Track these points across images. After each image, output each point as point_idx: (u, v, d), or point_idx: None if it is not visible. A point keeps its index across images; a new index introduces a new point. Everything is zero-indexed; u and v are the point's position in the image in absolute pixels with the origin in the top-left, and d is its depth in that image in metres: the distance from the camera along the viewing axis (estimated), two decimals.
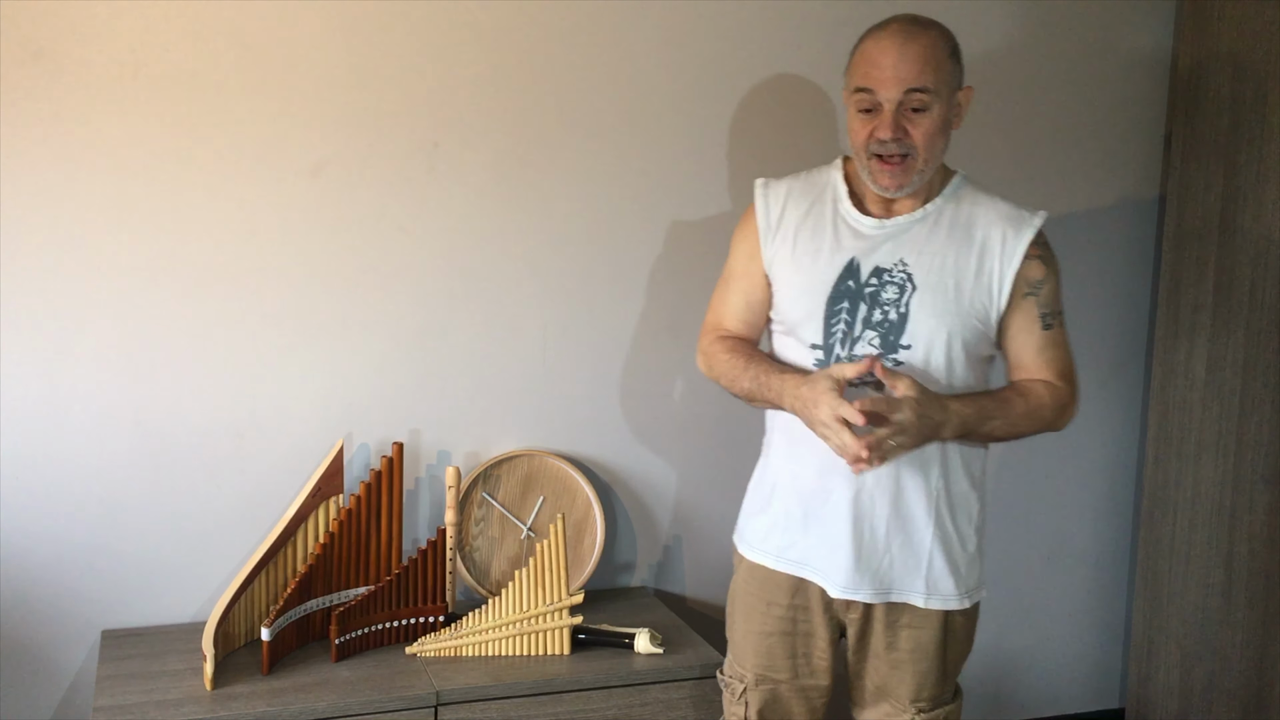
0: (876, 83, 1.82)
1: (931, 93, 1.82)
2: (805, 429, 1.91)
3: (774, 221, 1.98)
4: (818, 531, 1.96)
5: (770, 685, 2.05)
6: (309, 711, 2.11)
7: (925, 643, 1.98)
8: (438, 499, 2.57)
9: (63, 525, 2.35)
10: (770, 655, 2.03)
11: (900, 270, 1.89)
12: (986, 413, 1.87)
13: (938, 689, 2.01)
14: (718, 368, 2.03)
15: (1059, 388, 1.95)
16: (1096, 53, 2.86)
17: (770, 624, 2.03)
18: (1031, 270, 1.92)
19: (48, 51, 2.22)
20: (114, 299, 2.32)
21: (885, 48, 1.82)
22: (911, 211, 1.92)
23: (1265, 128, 2.60)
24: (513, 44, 2.47)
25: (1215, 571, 2.76)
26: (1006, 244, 1.91)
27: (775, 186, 2.01)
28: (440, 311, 2.52)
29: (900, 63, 1.81)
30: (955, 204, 1.94)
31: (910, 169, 1.85)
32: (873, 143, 1.84)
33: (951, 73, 1.86)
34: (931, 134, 1.84)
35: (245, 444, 2.43)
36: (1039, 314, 1.94)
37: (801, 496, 1.97)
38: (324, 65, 2.37)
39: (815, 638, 2.02)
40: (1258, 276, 2.63)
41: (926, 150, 1.84)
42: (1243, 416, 2.68)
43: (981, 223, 1.92)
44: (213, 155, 2.34)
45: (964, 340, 1.90)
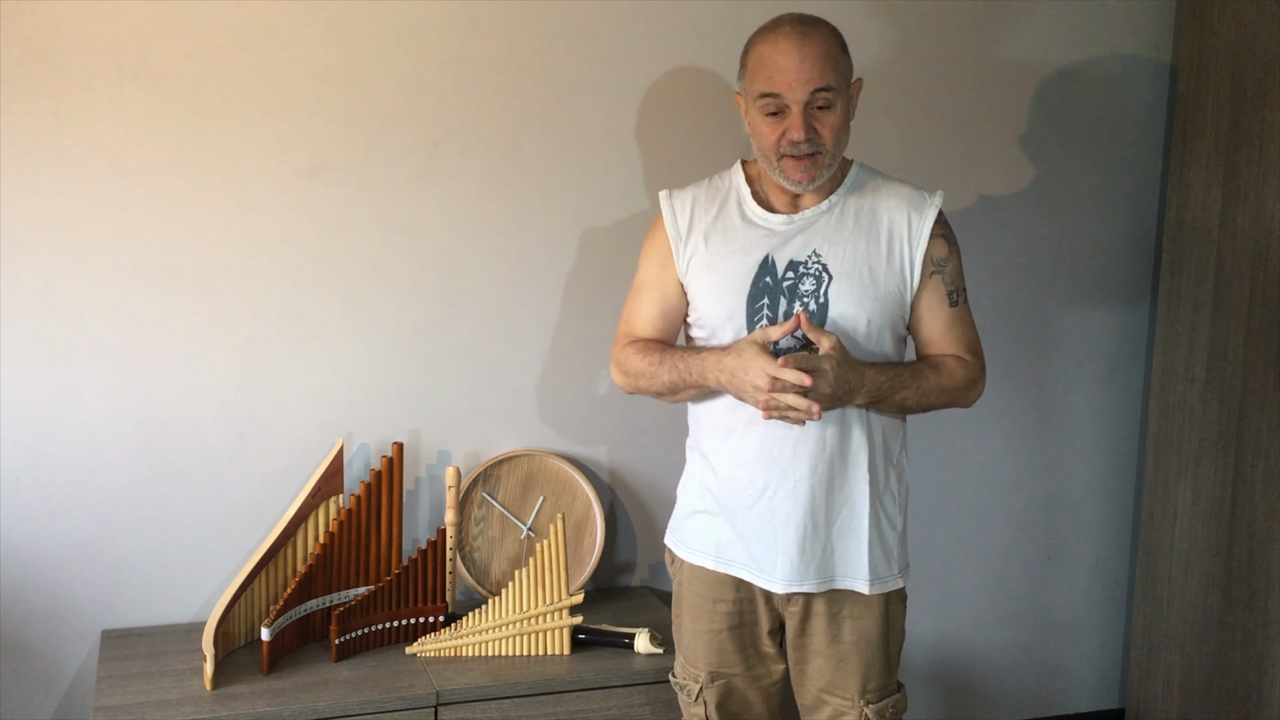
0: (782, 86, 1.84)
1: (834, 90, 1.86)
2: (731, 424, 1.95)
3: (684, 229, 2.00)
4: (753, 528, 1.97)
5: (725, 679, 2.07)
6: (309, 711, 2.11)
7: (868, 631, 1.99)
8: (438, 499, 2.57)
9: (63, 525, 2.35)
10: (722, 652, 2.05)
11: (815, 261, 1.93)
12: (900, 382, 1.91)
13: (884, 679, 2.03)
14: (633, 370, 2.01)
15: (969, 362, 2.00)
16: (1096, 53, 2.86)
17: (719, 620, 2.04)
18: (936, 249, 1.97)
19: (48, 51, 2.22)
20: (114, 299, 2.32)
21: (784, 49, 1.84)
22: (817, 204, 1.96)
23: (1265, 128, 2.60)
24: (513, 44, 2.47)
25: (1215, 571, 2.76)
26: (913, 226, 1.95)
27: (680, 195, 2.03)
28: (440, 311, 2.52)
29: (803, 64, 1.83)
30: (858, 192, 1.98)
31: (820, 164, 1.89)
32: (784, 144, 1.87)
33: (846, 68, 1.91)
34: (837, 129, 1.88)
35: (245, 444, 2.43)
36: (945, 291, 1.98)
37: (733, 494, 1.98)
38: (324, 65, 2.37)
39: (759, 625, 2.04)
40: (1258, 276, 2.63)
41: (834, 145, 1.89)
42: (1243, 416, 2.67)
43: (886, 208, 1.97)
44: (213, 155, 2.34)
45: (882, 324, 1.94)
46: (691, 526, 2.06)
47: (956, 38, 2.75)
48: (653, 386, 2.00)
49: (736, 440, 1.96)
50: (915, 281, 1.96)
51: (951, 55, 2.76)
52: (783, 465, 1.93)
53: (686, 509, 2.08)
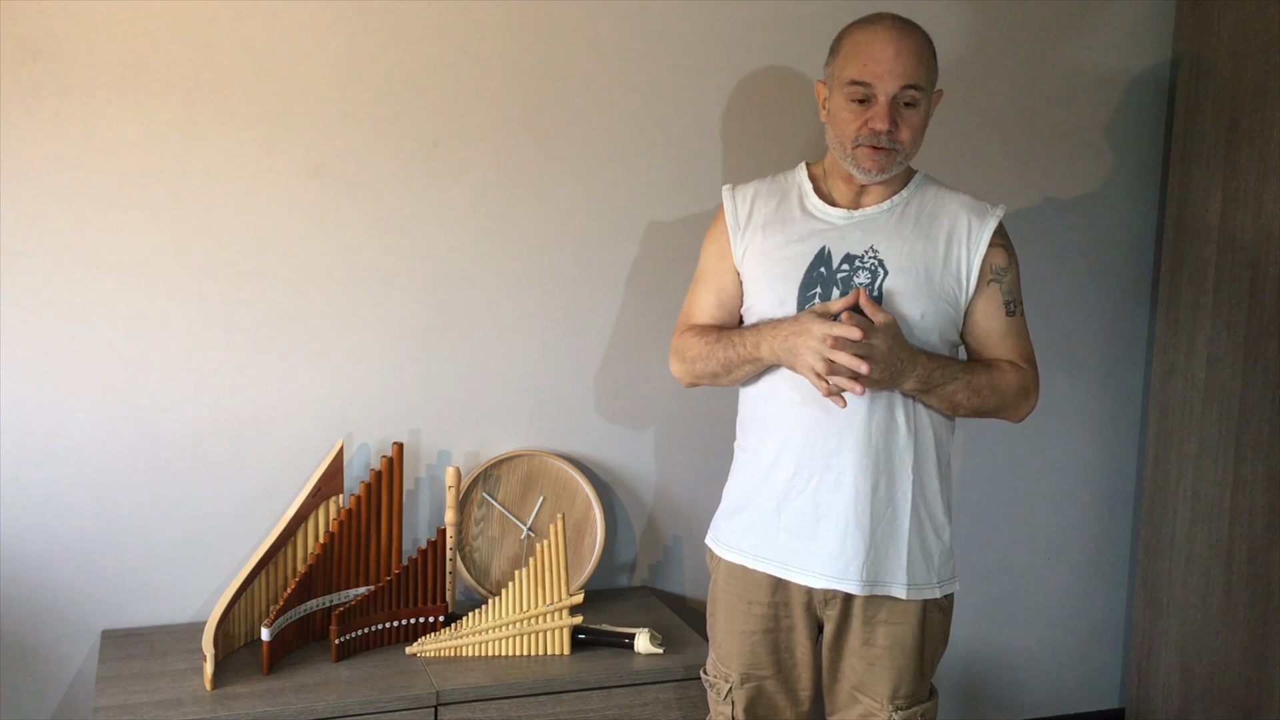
0: (875, 76, 1.87)
1: (923, 90, 1.90)
2: (775, 414, 1.96)
3: (742, 220, 2.03)
4: (795, 523, 1.97)
5: (755, 683, 2.07)
6: (309, 711, 2.11)
7: (902, 638, 1.99)
8: (438, 499, 2.57)
9: (63, 525, 2.35)
10: (754, 654, 2.05)
11: (871, 256, 1.94)
12: (951, 373, 1.92)
13: (915, 686, 2.02)
14: (690, 352, 2.04)
15: (1024, 370, 2.00)
16: (1096, 53, 2.87)
17: (752, 623, 2.04)
18: (996, 258, 1.97)
19: (48, 51, 2.22)
20: (114, 299, 2.32)
21: (883, 41, 1.87)
22: (879, 203, 1.98)
23: (1265, 128, 2.60)
24: (513, 44, 2.47)
25: (1215, 571, 2.76)
26: (972, 232, 1.96)
27: (742, 189, 2.07)
28: (440, 311, 2.52)
29: (898, 57, 1.86)
30: (920, 196, 2.00)
31: (893, 159, 1.91)
32: (864, 133, 1.89)
33: (935, 73, 1.95)
34: (917, 129, 1.91)
35: (245, 444, 2.43)
36: (1003, 300, 1.99)
37: (777, 491, 1.99)
38: (324, 65, 2.37)
39: (796, 633, 2.04)
40: (1258, 276, 2.63)
41: (911, 145, 1.91)
42: (1243, 416, 2.67)
43: (947, 212, 1.98)
44: (213, 155, 2.34)
45: (934, 323, 1.94)
46: (731, 525, 2.07)
47: (955, 38, 2.75)
48: (709, 367, 2.01)
49: (781, 432, 1.97)
50: (971, 286, 1.96)
51: (951, 55, 2.75)
52: (826, 457, 1.94)
53: (728, 507, 2.09)
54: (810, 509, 1.96)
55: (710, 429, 2.71)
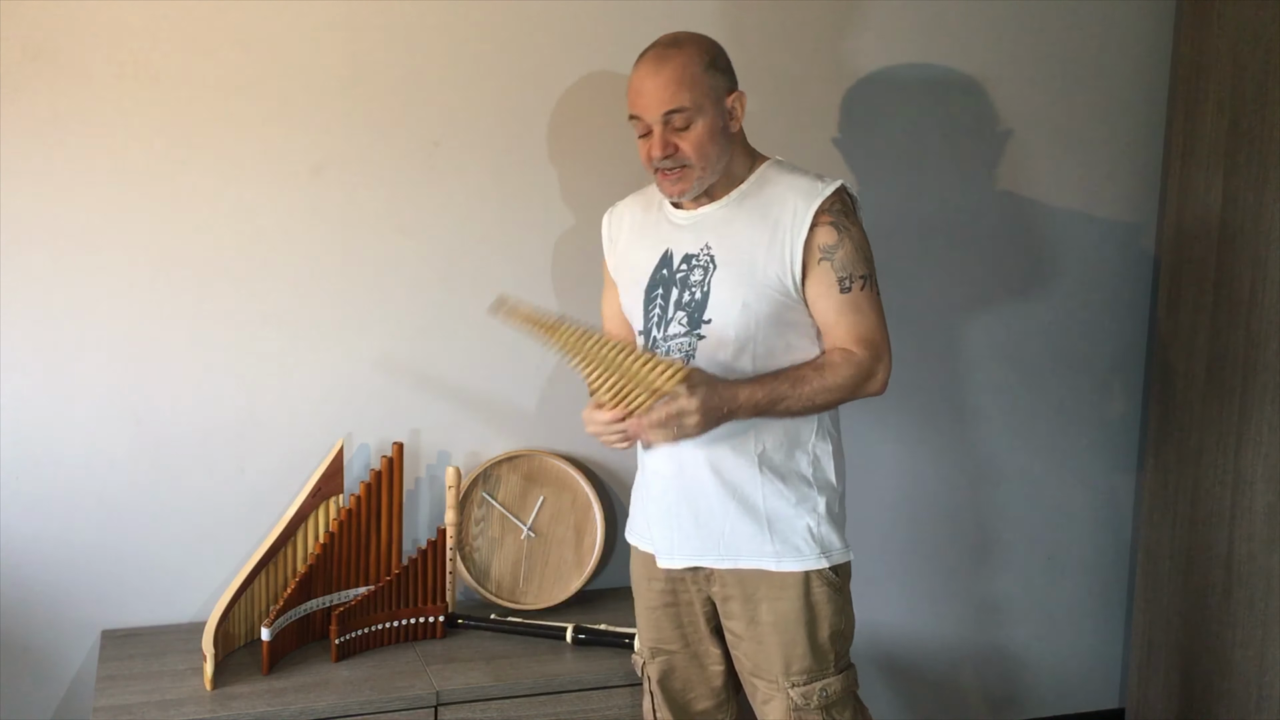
0: (640, 108, 1.97)
1: (689, 110, 1.94)
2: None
3: (615, 236, 2.18)
4: (656, 509, 2.10)
5: (665, 656, 2.16)
6: (309, 711, 2.11)
7: (786, 613, 2.02)
8: (438, 499, 2.57)
9: (63, 525, 2.35)
10: (659, 628, 2.16)
11: (705, 254, 2.01)
12: (779, 393, 1.95)
13: (811, 661, 2.03)
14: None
15: (855, 355, 1.98)
16: (1096, 53, 2.86)
17: (653, 598, 2.15)
18: (823, 236, 1.97)
19: (48, 51, 2.22)
20: (114, 298, 2.32)
21: (642, 75, 1.96)
22: (716, 201, 2.04)
23: (1265, 128, 2.60)
24: (513, 44, 2.47)
25: (1215, 571, 2.76)
26: (797, 214, 1.98)
27: (617, 209, 2.20)
28: (440, 311, 2.52)
29: (655, 89, 1.94)
30: (758, 188, 2.03)
31: (690, 177, 1.98)
32: (653, 160, 1.98)
33: (712, 85, 1.97)
34: (701, 143, 1.96)
35: (245, 444, 2.43)
36: (836, 278, 1.98)
37: (645, 479, 2.14)
38: (324, 65, 2.37)
39: (694, 606, 2.12)
40: (1258, 276, 2.63)
41: (700, 158, 1.96)
42: (1243, 417, 2.67)
43: (776, 198, 2.01)
44: (213, 155, 2.34)
45: (761, 310, 1.97)
46: (632, 509, 2.22)
47: (955, 38, 2.75)
48: None
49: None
50: (798, 268, 1.96)
51: (950, 56, 2.76)
52: (685, 449, 2.02)
53: (633, 495, 2.23)
54: (666, 501, 2.07)
55: None
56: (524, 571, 2.57)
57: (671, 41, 1.99)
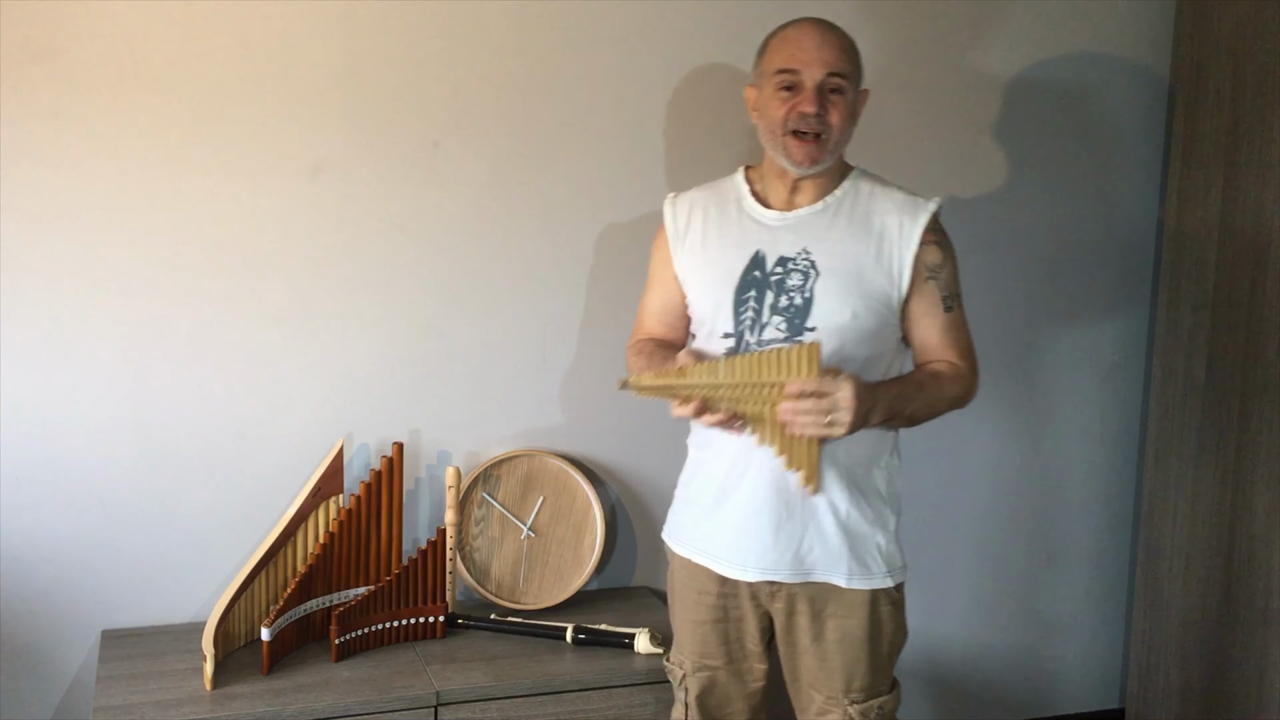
0: (801, 63, 1.92)
1: (848, 78, 1.94)
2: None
3: (681, 229, 2.08)
4: (730, 518, 2.00)
5: (708, 672, 2.10)
6: (309, 711, 2.11)
7: (852, 631, 2.00)
8: (438, 499, 2.57)
9: (63, 525, 2.35)
10: (705, 643, 2.09)
11: (804, 258, 1.97)
12: (907, 396, 1.94)
13: (870, 679, 2.03)
14: (630, 368, 2.10)
15: (962, 369, 2.01)
16: (1096, 53, 2.86)
17: (703, 612, 2.08)
18: (929, 255, 1.98)
19: (48, 51, 2.22)
20: (114, 299, 2.32)
21: (807, 32, 1.94)
22: (812, 204, 2.00)
23: (1265, 128, 2.60)
24: (513, 44, 2.47)
25: (1215, 571, 2.76)
26: (903, 230, 1.97)
27: (682, 198, 2.11)
28: (440, 311, 2.52)
29: (823, 46, 1.92)
30: (854, 196, 2.01)
31: (823, 148, 1.94)
32: (793, 118, 1.92)
33: (859, 70, 1.98)
34: (844, 116, 1.94)
35: (245, 444, 2.43)
36: (940, 297, 1.99)
37: (714, 485, 2.03)
38: (324, 65, 2.37)
39: (745, 623, 2.07)
40: (1258, 276, 2.63)
41: (839, 132, 1.94)
42: (1243, 416, 2.67)
43: (879, 211, 1.99)
44: (213, 155, 2.34)
45: (866, 323, 1.96)
46: (680, 519, 2.12)
47: (955, 38, 2.75)
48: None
49: (716, 435, 2.00)
50: (905, 284, 1.97)
51: (950, 56, 2.76)
52: (760, 455, 1.95)
53: (678, 500, 2.14)
54: (745, 503, 1.98)
55: None
56: (524, 571, 2.57)
57: (829, 22, 1.98)
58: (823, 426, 1.81)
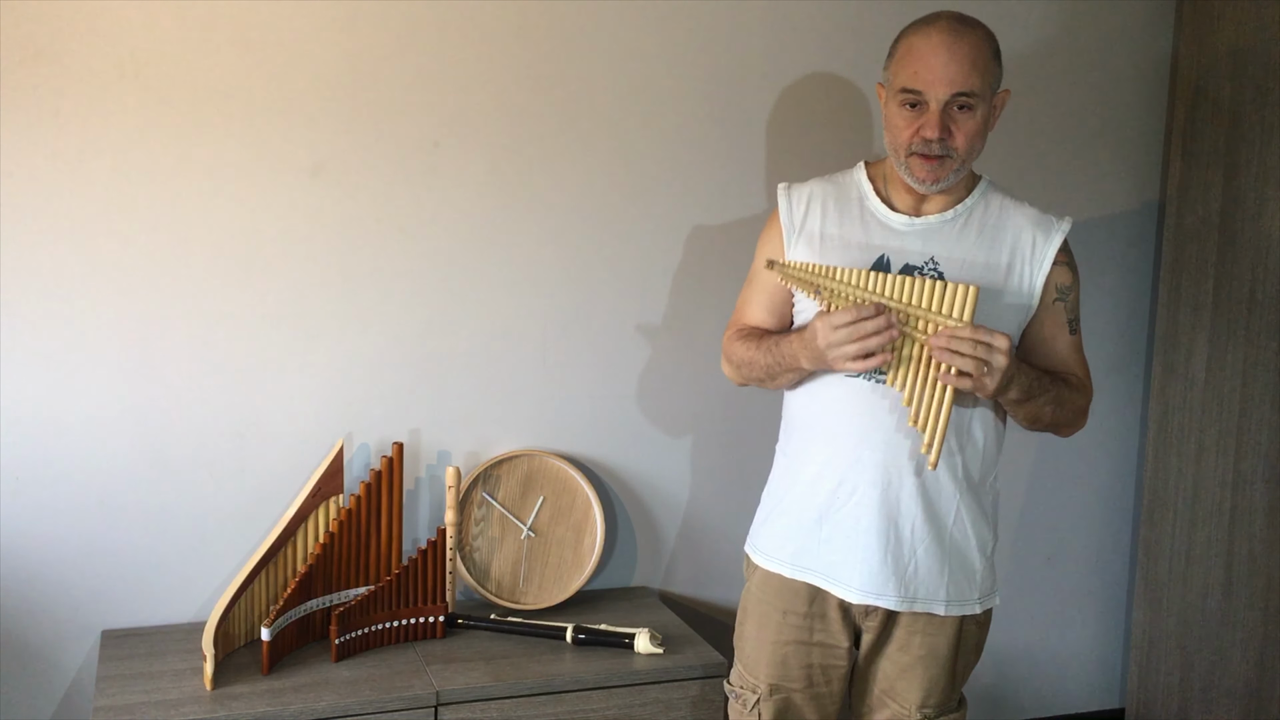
0: (925, 84, 1.82)
1: (977, 96, 1.83)
2: (824, 428, 1.93)
3: (798, 222, 1.98)
4: (837, 535, 1.93)
5: (784, 694, 2.03)
6: (309, 711, 2.11)
7: (938, 648, 1.97)
8: (438, 499, 2.57)
9: (63, 525, 2.35)
10: (785, 665, 2.01)
11: (931, 268, 1.90)
12: (1043, 384, 1.88)
13: (945, 695, 2.00)
14: (736, 357, 2.01)
15: (1087, 385, 1.98)
16: (1097, 53, 2.87)
17: (786, 633, 2.00)
18: (1061, 276, 1.93)
19: (48, 51, 2.22)
20: (114, 299, 2.32)
21: (934, 46, 1.81)
22: (942, 212, 1.93)
23: (1265, 128, 2.60)
24: (512, 44, 2.47)
25: (1215, 571, 2.76)
26: (1037, 248, 1.92)
27: (798, 189, 2.01)
28: (440, 311, 2.52)
29: (949, 64, 1.81)
30: (984, 206, 1.95)
31: (948, 167, 1.86)
32: (916, 141, 1.84)
33: (995, 75, 1.87)
34: (973, 136, 1.85)
35: (245, 444, 2.43)
36: (1066, 319, 1.95)
37: (819, 499, 1.95)
38: (324, 65, 2.37)
39: (832, 646, 2.00)
40: (1258, 276, 2.63)
41: (966, 152, 1.86)
42: (1243, 416, 2.67)
43: (1011, 226, 1.93)
44: (213, 155, 2.34)
45: None
46: (769, 530, 2.03)
47: None
48: (754, 373, 1.99)
49: (826, 440, 1.94)
50: (1034, 303, 1.92)
51: None
52: (873, 471, 1.90)
53: (767, 512, 2.05)
54: (852, 522, 1.91)
55: (711, 428, 2.71)
56: (524, 571, 2.57)
57: (962, 19, 1.84)
58: (974, 373, 1.74)
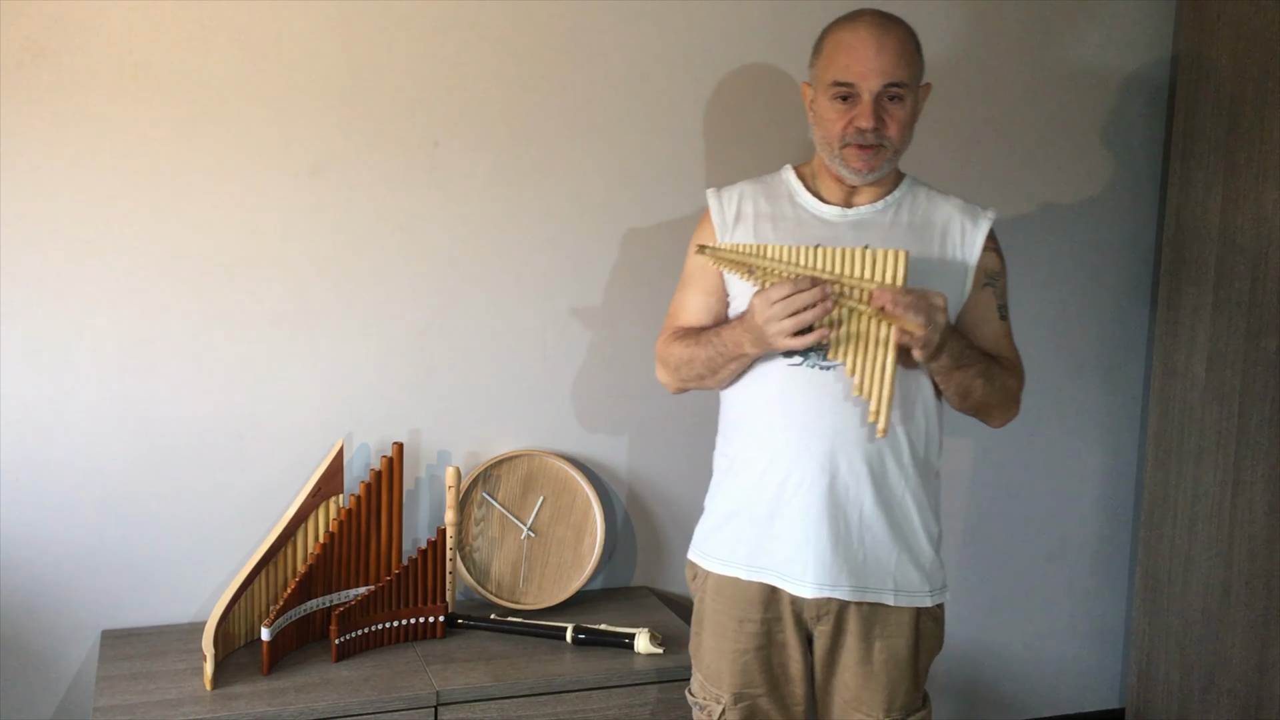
0: (857, 75, 1.85)
1: (907, 86, 1.87)
2: (765, 422, 1.93)
3: (730, 219, 1.99)
4: (789, 529, 1.92)
5: (749, 701, 2.01)
6: (309, 711, 2.11)
7: (898, 650, 1.97)
8: (438, 499, 2.57)
9: (63, 525, 2.35)
10: (747, 672, 1.99)
11: None
12: (974, 354, 1.90)
13: (910, 697, 2.00)
14: (673, 358, 2.00)
15: (1019, 370, 1.99)
16: (1097, 53, 2.87)
17: (744, 641, 1.99)
18: (989, 262, 1.98)
19: (48, 51, 2.22)
20: (114, 299, 2.32)
21: (863, 39, 1.85)
22: (873, 203, 1.96)
23: (1265, 128, 2.60)
24: (513, 44, 2.47)
25: (1215, 571, 2.76)
26: (966, 235, 1.96)
27: (728, 190, 2.03)
28: (440, 311, 2.52)
29: (880, 55, 1.84)
30: (912, 198, 1.99)
31: (882, 156, 1.89)
32: (850, 132, 1.87)
33: (919, 67, 1.92)
34: (904, 125, 1.89)
35: (245, 444, 2.43)
36: (996, 305, 1.98)
37: (768, 494, 1.94)
38: (324, 65, 2.37)
39: (789, 648, 1.99)
40: (1258, 276, 2.63)
41: (899, 141, 1.89)
42: (1243, 416, 2.67)
43: (940, 216, 1.97)
44: (213, 155, 2.34)
45: None
46: (721, 536, 2.01)
47: (953, 38, 2.75)
48: (694, 369, 1.97)
49: (771, 437, 1.93)
50: (966, 290, 1.95)
51: (950, 55, 2.76)
52: (821, 460, 1.90)
53: (716, 518, 2.03)
54: (803, 514, 1.91)
55: (710, 429, 2.71)
56: (524, 571, 2.57)
57: (885, 15, 1.88)
58: (922, 320, 1.75)
